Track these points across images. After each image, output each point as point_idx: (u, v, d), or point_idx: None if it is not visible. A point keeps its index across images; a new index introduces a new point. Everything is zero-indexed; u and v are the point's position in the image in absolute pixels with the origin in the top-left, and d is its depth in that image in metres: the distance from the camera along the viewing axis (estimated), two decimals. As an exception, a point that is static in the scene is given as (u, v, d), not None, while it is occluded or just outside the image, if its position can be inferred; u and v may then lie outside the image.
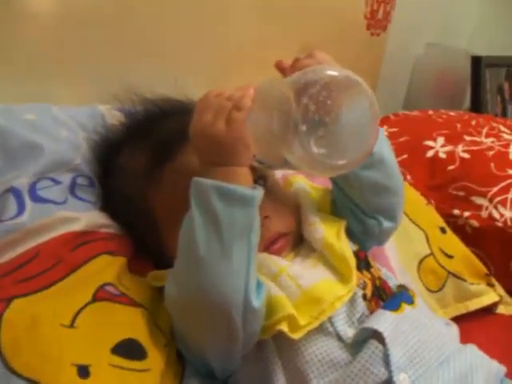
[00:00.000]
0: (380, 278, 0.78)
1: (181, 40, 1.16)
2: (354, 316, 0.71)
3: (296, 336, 0.67)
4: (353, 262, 0.73)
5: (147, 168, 0.79)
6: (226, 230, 0.63)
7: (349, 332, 0.69)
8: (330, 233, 0.77)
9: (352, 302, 0.72)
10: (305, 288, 0.70)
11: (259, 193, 0.65)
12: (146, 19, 1.09)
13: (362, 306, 0.72)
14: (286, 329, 0.67)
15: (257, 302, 0.64)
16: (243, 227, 0.64)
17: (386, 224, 0.84)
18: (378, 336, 0.67)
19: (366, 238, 0.84)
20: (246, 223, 0.64)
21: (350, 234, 0.81)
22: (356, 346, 0.68)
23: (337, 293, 0.70)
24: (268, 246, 0.75)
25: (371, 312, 0.72)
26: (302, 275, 0.71)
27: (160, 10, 1.10)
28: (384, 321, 0.69)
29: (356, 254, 0.76)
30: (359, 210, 0.82)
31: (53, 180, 0.81)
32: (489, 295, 1.11)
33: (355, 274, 0.72)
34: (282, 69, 0.77)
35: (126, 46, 1.07)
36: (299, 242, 0.80)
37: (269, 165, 0.73)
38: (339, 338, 0.69)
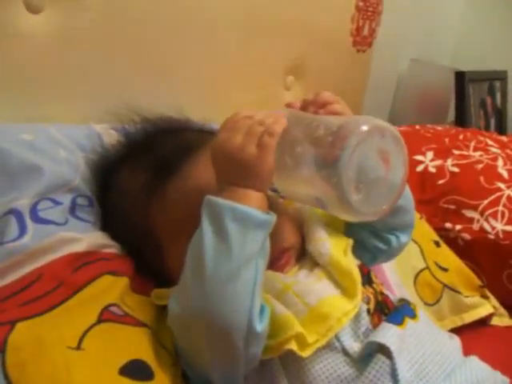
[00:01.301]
0: (382, 293, 0.78)
1: (171, 59, 1.17)
2: (360, 330, 0.71)
3: (305, 354, 0.66)
4: (358, 278, 0.73)
5: (148, 185, 0.78)
6: (236, 252, 0.62)
7: (355, 346, 0.69)
8: (337, 249, 0.77)
9: (357, 316, 0.71)
10: (311, 305, 0.70)
11: (273, 218, 0.65)
12: (138, 40, 1.09)
13: (366, 320, 0.72)
14: (295, 347, 0.66)
15: (260, 327, 0.63)
16: (253, 251, 0.63)
17: (403, 238, 0.85)
18: (384, 350, 0.67)
19: (380, 253, 0.85)
20: (256, 247, 0.63)
21: (362, 248, 0.81)
22: (362, 360, 0.68)
23: (343, 308, 0.70)
24: (272, 263, 0.75)
25: (374, 326, 0.72)
26: (307, 292, 0.71)
27: (151, 30, 1.11)
28: (390, 335, 0.69)
29: (360, 268, 0.76)
30: (376, 228, 0.83)
31: (53, 201, 0.80)
32: (484, 307, 1.13)
33: (360, 289, 0.72)
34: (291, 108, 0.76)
35: (119, 65, 1.07)
36: (302, 256, 0.80)
37: (283, 195, 0.73)
38: (345, 352, 0.69)
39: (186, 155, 0.78)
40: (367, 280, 0.77)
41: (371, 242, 0.83)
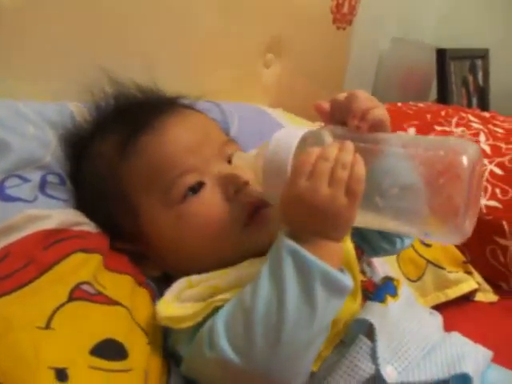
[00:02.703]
0: (362, 280, 0.76)
1: (148, 34, 1.13)
2: None
3: (315, 368, 0.66)
4: (358, 272, 0.72)
5: (119, 143, 0.76)
6: (318, 319, 0.59)
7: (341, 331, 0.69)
8: None
9: None
10: None
11: (352, 283, 0.63)
12: (113, 13, 1.06)
13: None
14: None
15: None
16: (331, 318, 0.61)
17: (407, 241, 0.85)
18: (366, 328, 0.68)
19: (382, 251, 0.84)
20: (334, 314, 0.62)
21: (366, 244, 0.81)
22: (345, 343, 0.68)
23: (350, 310, 0.69)
24: (251, 215, 0.73)
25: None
26: None
27: (129, 6, 1.07)
28: (373, 312, 0.69)
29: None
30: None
31: (21, 178, 0.78)
32: (467, 283, 1.12)
33: (360, 284, 0.71)
34: (321, 112, 0.73)
35: (94, 42, 1.03)
36: None
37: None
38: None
39: (158, 111, 0.77)
40: None
41: (377, 241, 0.82)
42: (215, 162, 0.76)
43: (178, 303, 0.67)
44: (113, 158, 0.76)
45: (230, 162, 0.77)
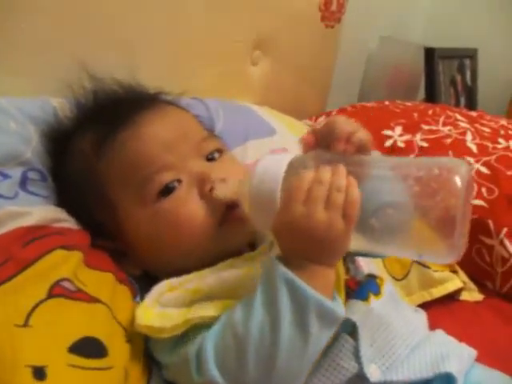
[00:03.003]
0: (345, 279, 0.75)
1: (133, 30, 1.12)
2: None
3: None
4: (342, 271, 0.71)
5: (97, 141, 0.76)
6: (310, 351, 0.59)
7: None
8: None
9: None
10: None
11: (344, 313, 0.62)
12: (98, 11, 1.05)
13: None
14: None
15: None
16: (321, 348, 0.61)
17: None
18: (349, 327, 0.67)
19: (371, 255, 0.82)
20: (324, 344, 0.61)
21: None
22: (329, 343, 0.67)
23: None
24: (225, 214, 0.72)
25: None
26: None
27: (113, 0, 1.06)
28: (356, 310, 0.69)
29: None
30: None
31: (1, 174, 0.77)
32: (453, 282, 1.11)
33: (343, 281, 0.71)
34: (308, 145, 0.70)
35: (77, 37, 1.02)
36: None
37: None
38: None
39: (137, 108, 0.76)
40: None
41: None
42: (192, 159, 0.75)
43: (158, 308, 0.66)
44: (92, 154, 0.76)
45: (208, 159, 0.77)
